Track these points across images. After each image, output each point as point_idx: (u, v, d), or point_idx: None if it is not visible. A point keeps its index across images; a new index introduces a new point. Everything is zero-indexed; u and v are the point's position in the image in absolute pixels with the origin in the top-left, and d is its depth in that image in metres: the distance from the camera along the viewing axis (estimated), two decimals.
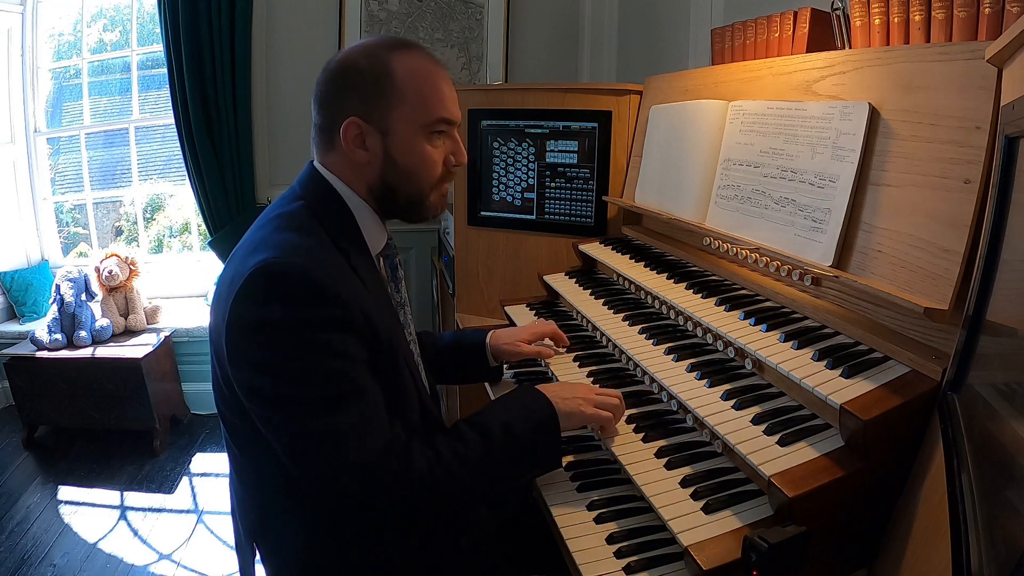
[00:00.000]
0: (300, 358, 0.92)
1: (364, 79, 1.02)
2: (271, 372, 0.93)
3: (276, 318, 0.92)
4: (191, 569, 2.24)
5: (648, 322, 1.45)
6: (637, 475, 1.08)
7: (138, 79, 3.52)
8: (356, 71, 1.03)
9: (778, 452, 0.96)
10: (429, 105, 1.04)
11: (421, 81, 1.04)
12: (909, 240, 1.03)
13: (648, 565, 0.97)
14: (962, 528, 0.65)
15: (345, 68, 1.04)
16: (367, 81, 1.02)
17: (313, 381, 0.93)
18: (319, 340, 0.93)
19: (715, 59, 1.76)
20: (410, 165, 1.06)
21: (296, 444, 0.95)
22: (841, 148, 1.16)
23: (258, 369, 0.94)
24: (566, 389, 1.17)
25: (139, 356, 2.96)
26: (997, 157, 0.84)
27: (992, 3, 1.00)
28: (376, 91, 1.02)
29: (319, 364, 0.93)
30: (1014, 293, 0.75)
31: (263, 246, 0.97)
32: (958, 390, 0.87)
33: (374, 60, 1.03)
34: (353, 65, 1.04)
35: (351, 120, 1.03)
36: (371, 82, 1.02)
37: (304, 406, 0.93)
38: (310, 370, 0.93)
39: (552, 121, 2.04)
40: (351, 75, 1.03)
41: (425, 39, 3.21)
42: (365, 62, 1.03)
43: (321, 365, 0.93)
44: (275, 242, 0.97)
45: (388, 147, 1.05)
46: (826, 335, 1.13)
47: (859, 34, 1.26)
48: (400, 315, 1.17)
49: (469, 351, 1.47)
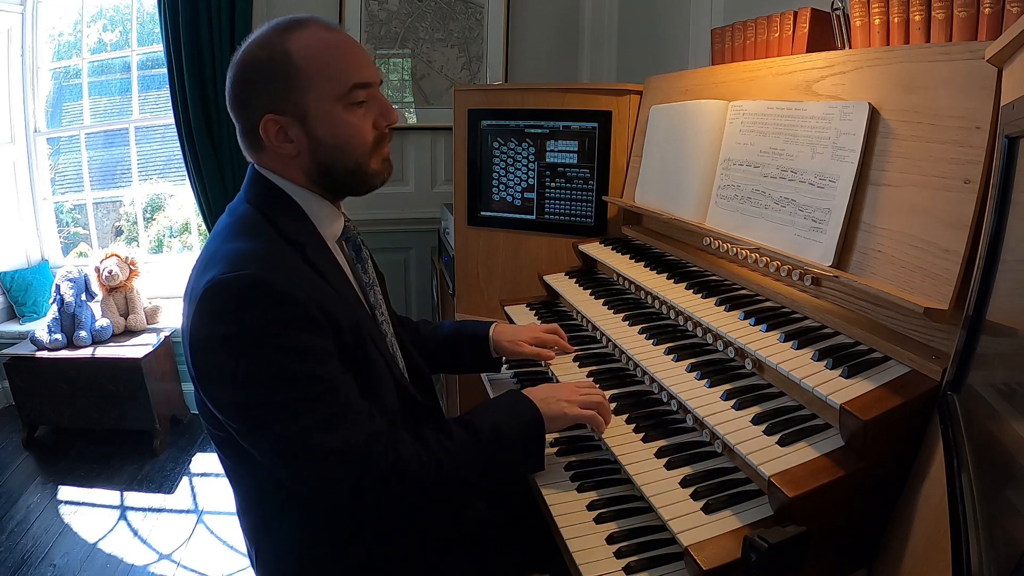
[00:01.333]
0: (265, 365, 0.91)
1: (265, 72, 0.99)
2: (239, 384, 0.92)
3: (233, 331, 0.91)
4: (191, 569, 2.24)
5: (648, 322, 1.45)
6: (637, 475, 1.08)
7: (138, 79, 3.52)
8: (257, 66, 1.00)
9: (778, 452, 0.96)
10: (337, 76, 1.00)
11: (323, 55, 1.00)
12: (909, 240, 1.03)
13: (648, 565, 0.97)
14: (962, 528, 0.65)
15: (245, 65, 1.01)
16: (269, 72, 0.99)
17: (281, 386, 0.91)
18: (280, 344, 0.91)
19: (715, 59, 1.76)
20: (338, 141, 1.03)
21: (277, 450, 0.94)
22: (841, 148, 1.16)
23: (226, 383, 0.93)
24: (551, 392, 1.18)
25: (139, 356, 2.96)
26: (997, 157, 0.84)
27: (992, 3, 1.00)
28: (282, 80, 0.99)
29: (284, 368, 0.91)
30: (1014, 293, 0.75)
31: (213, 261, 0.95)
32: (958, 390, 0.87)
33: (271, 50, 1.00)
34: (251, 60, 1.01)
35: (267, 118, 1.00)
36: (274, 72, 0.99)
37: (278, 411, 0.91)
38: (277, 376, 0.91)
39: (552, 121, 2.04)
40: (253, 71, 1.00)
41: (425, 39, 3.21)
42: (263, 53, 1.00)
43: (287, 369, 0.91)
44: (224, 254, 0.95)
45: (311, 131, 1.02)
46: (826, 335, 1.13)
47: (859, 34, 1.26)
48: (370, 295, 1.16)
49: (471, 340, 1.47)
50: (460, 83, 3.24)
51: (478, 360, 1.49)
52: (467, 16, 3.23)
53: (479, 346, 1.47)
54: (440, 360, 1.47)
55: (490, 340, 1.46)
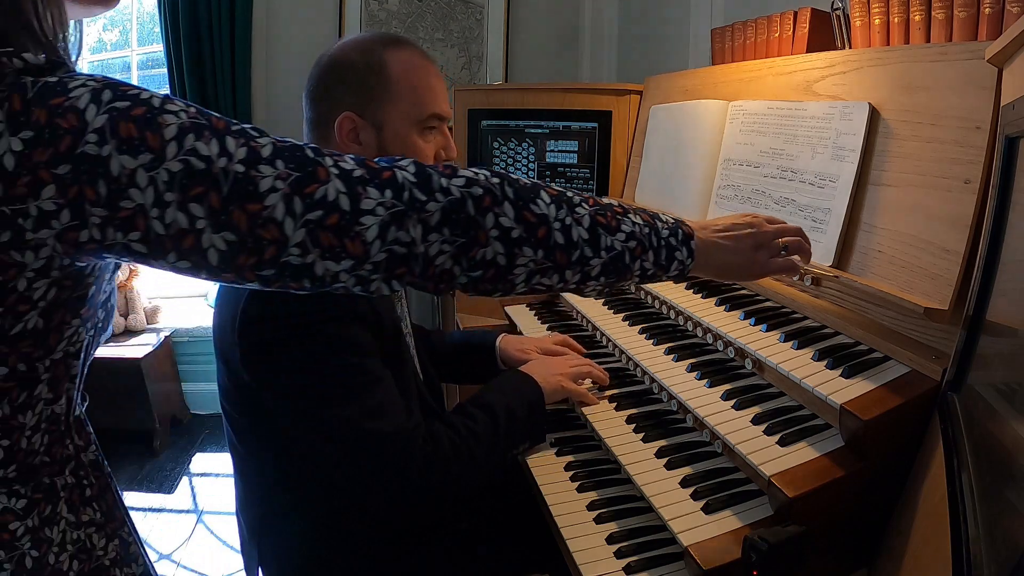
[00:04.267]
0: (318, 353, 0.95)
1: (358, 74, 1.03)
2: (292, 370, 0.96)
3: (290, 319, 0.94)
4: (191, 569, 2.24)
5: (648, 322, 1.45)
6: (637, 475, 1.08)
7: (138, 79, 3.52)
8: (350, 66, 1.04)
9: (778, 452, 0.96)
10: (423, 101, 1.06)
11: (415, 77, 1.05)
12: (909, 240, 1.03)
13: (648, 565, 0.97)
14: (962, 528, 0.65)
15: (339, 63, 1.05)
16: (361, 76, 1.03)
17: (333, 373, 0.95)
18: (329, 335, 0.95)
19: (715, 59, 1.76)
20: None
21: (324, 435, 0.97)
22: (841, 148, 1.16)
23: (278, 368, 0.97)
24: (547, 368, 1.27)
25: (139, 356, 2.96)
26: (997, 157, 0.84)
27: (992, 3, 1.00)
28: (370, 86, 1.03)
29: (335, 358, 0.96)
30: (1014, 293, 0.75)
31: None
32: (958, 390, 0.87)
33: (368, 55, 1.04)
34: (347, 60, 1.05)
35: (346, 115, 1.04)
36: (365, 77, 1.03)
37: (328, 398, 0.96)
38: (328, 364, 0.95)
39: (552, 121, 2.04)
40: (345, 70, 1.04)
41: (425, 39, 3.21)
42: (359, 57, 1.04)
43: (337, 358, 0.96)
44: None
45: (382, 141, 1.05)
46: (826, 335, 1.13)
47: (859, 34, 1.26)
48: (397, 307, 1.18)
49: (479, 351, 1.48)
50: (460, 83, 3.24)
51: (485, 371, 1.48)
52: (467, 16, 3.24)
53: (486, 357, 1.47)
54: (447, 370, 1.47)
55: (497, 351, 1.46)
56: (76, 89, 0.56)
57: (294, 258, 0.61)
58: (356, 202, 0.62)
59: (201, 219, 0.58)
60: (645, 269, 0.79)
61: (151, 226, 0.57)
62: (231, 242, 0.59)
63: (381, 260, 0.64)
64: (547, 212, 0.71)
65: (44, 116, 0.55)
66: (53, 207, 0.55)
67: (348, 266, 0.63)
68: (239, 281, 0.62)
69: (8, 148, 0.54)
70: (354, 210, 0.62)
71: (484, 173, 0.70)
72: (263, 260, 0.60)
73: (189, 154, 0.57)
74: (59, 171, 0.55)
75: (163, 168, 0.56)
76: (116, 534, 0.75)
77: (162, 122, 0.57)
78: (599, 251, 0.74)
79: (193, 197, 0.57)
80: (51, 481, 0.69)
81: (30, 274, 0.58)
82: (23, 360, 0.63)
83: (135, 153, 0.55)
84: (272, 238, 0.60)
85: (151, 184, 0.56)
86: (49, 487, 0.69)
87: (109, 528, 0.75)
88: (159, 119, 0.57)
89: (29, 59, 0.56)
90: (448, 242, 0.66)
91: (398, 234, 0.63)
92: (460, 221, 0.66)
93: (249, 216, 0.59)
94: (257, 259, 0.60)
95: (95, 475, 0.74)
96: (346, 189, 0.62)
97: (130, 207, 0.56)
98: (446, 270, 0.67)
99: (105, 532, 0.74)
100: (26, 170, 0.54)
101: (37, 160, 0.54)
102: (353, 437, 0.96)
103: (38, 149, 0.54)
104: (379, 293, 0.67)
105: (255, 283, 0.63)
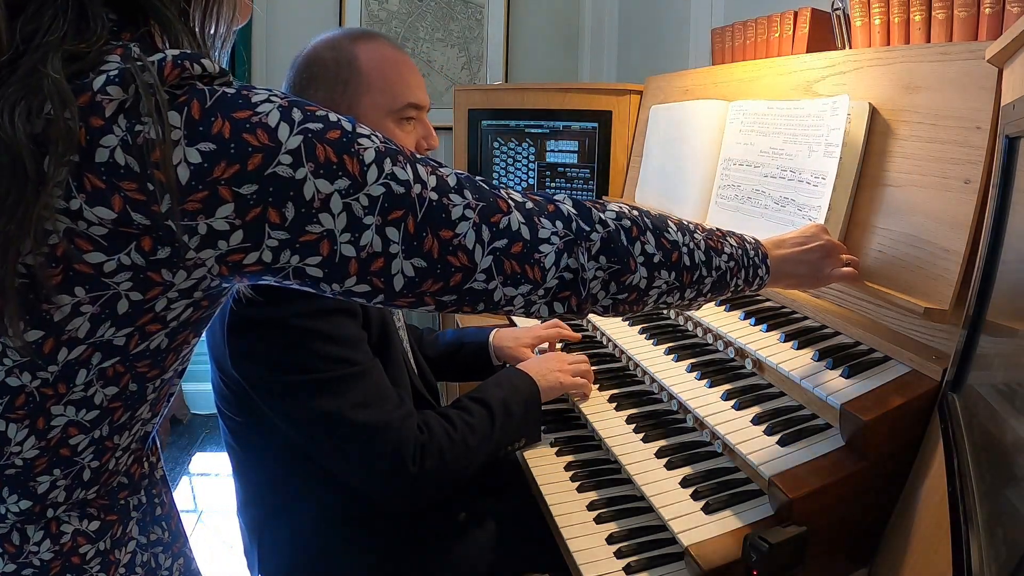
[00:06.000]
0: (305, 346, 0.95)
1: (330, 70, 1.05)
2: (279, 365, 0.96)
3: (271, 314, 0.94)
4: None
5: (648, 322, 1.45)
6: (637, 475, 1.08)
7: None
8: (321, 63, 1.06)
9: (778, 452, 0.96)
10: (396, 91, 1.07)
11: (386, 68, 1.07)
12: (909, 240, 1.03)
13: (648, 565, 0.97)
14: (963, 528, 0.65)
15: (311, 61, 1.07)
16: (333, 72, 1.05)
17: (319, 366, 0.96)
18: (316, 329, 0.95)
19: (715, 59, 1.76)
20: None
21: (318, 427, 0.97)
22: (830, 144, 1.16)
23: (267, 363, 0.97)
24: (543, 365, 1.28)
25: None
26: (997, 157, 0.84)
27: (992, 3, 1.00)
28: (343, 80, 1.05)
29: (322, 350, 0.96)
30: (1014, 293, 0.75)
31: None
32: (958, 390, 0.87)
33: (338, 51, 1.05)
34: (318, 57, 1.06)
35: None
36: (337, 72, 1.05)
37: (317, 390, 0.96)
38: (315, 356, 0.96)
39: (552, 121, 2.04)
40: (317, 67, 1.06)
41: (425, 39, 3.21)
42: (330, 53, 1.06)
43: (324, 350, 0.96)
44: None
45: None
46: (826, 335, 1.13)
47: (859, 34, 1.26)
48: None
49: (472, 349, 1.49)
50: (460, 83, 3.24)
51: (479, 368, 1.50)
52: (467, 16, 3.23)
53: (480, 353, 1.48)
54: (442, 368, 1.48)
55: (490, 347, 1.47)
56: (262, 104, 0.52)
57: (479, 284, 0.63)
58: (535, 231, 0.65)
59: (395, 243, 0.58)
60: (738, 285, 0.87)
61: (338, 250, 0.56)
62: (420, 268, 0.60)
63: (553, 286, 0.68)
64: (677, 239, 0.78)
65: (228, 129, 0.51)
66: (226, 227, 0.52)
67: (525, 291, 0.66)
68: (412, 305, 0.63)
69: (183, 158, 0.50)
70: (534, 239, 0.65)
71: (624, 206, 0.77)
72: (448, 286, 0.62)
73: (389, 179, 0.57)
74: (243, 190, 0.51)
75: (363, 194, 0.55)
76: (181, 552, 0.74)
77: (359, 147, 0.56)
78: (712, 271, 0.82)
79: (391, 221, 0.57)
80: (125, 501, 0.67)
81: (173, 294, 0.55)
82: (136, 380, 0.60)
83: (333, 178, 0.54)
84: (461, 265, 0.61)
85: (346, 209, 0.55)
86: (123, 507, 0.67)
87: (175, 547, 0.73)
88: (356, 143, 0.56)
89: (207, 65, 0.53)
90: (603, 269, 0.71)
91: (568, 261, 0.68)
92: (615, 250, 0.72)
93: (441, 243, 0.60)
94: (442, 285, 0.62)
95: (164, 492, 0.72)
96: (525, 219, 0.65)
97: (317, 231, 0.54)
98: (593, 294, 0.72)
99: (171, 551, 0.72)
100: (203, 185, 0.50)
101: (218, 176, 0.51)
102: (346, 428, 0.97)
103: (220, 164, 0.51)
104: (536, 316, 0.70)
105: (430, 306, 0.64)
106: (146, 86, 0.49)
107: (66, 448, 0.60)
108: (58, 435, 0.59)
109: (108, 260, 0.51)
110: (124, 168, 0.49)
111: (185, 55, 0.52)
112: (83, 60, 0.50)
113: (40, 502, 0.61)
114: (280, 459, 1.07)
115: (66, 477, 0.61)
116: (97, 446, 0.62)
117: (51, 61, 0.48)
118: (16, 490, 0.60)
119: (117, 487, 0.66)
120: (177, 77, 0.51)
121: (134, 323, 0.55)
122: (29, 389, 0.55)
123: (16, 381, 0.55)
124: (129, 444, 0.65)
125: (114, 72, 0.49)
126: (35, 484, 0.60)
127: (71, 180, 0.48)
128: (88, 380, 0.57)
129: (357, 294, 0.59)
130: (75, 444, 0.60)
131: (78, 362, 0.55)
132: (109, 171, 0.49)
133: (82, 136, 0.48)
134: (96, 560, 0.64)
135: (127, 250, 0.51)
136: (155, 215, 0.50)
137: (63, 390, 0.57)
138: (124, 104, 0.49)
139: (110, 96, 0.49)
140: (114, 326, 0.54)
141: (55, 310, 0.52)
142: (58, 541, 0.62)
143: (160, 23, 0.55)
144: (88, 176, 0.49)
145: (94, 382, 0.57)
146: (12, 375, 0.55)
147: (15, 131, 0.47)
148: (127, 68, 0.49)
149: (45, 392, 0.56)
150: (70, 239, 0.50)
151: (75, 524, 0.63)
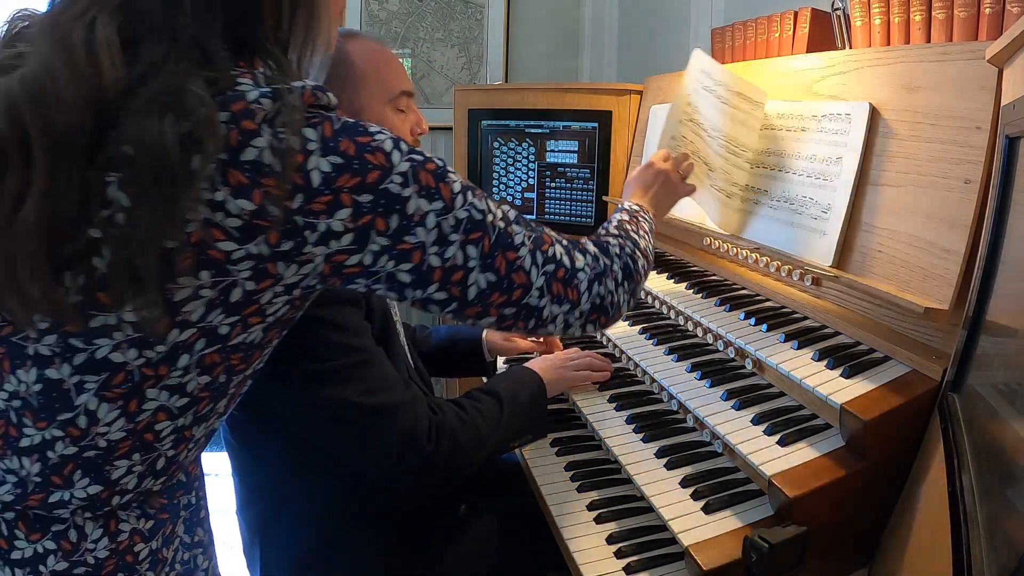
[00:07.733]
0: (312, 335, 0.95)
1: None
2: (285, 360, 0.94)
3: None
4: None
5: (648, 322, 1.45)
6: (637, 475, 1.08)
7: None
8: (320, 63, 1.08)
9: (778, 452, 0.96)
10: (390, 81, 1.12)
11: (377, 59, 1.12)
12: (909, 240, 1.03)
13: (648, 565, 0.97)
14: (963, 528, 0.65)
15: None
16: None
17: (326, 357, 0.97)
18: (321, 318, 0.95)
19: (715, 59, 1.76)
20: None
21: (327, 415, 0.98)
22: (841, 147, 1.16)
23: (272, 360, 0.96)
24: (548, 362, 1.32)
25: None
26: (997, 157, 0.84)
27: (992, 3, 1.00)
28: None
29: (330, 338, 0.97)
30: (1014, 293, 0.75)
31: None
32: (958, 390, 0.87)
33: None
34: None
35: None
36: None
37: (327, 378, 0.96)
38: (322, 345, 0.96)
39: (552, 121, 2.04)
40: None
41: (425, 39, 3.21)
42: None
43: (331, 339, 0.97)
44: None
45: None
46: (826, 335, 1.13)
47: (859, 34, 1.26)
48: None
49: (464, 345, 1.50)
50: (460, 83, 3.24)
51: (472, 363, 1.52)
52: (467, 16, 3.23)
53: (472, 349, 1.50)
54: (436, 364, 1.48)
55: (483, 343, 1.49)
56: (377, 134, 0.64)
57: (533, 300, 0.75)
58: (573, 262, 0.80)
59: (473, 259, 0.69)
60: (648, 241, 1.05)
61: (427, 259, 0.66)
62: (491, 282, 0.71)
63: (587, 308, 0.82)
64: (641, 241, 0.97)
65: (353, 149, 0.61)
66: (341, 228, 0.61)
67: (565, 310, 0.79)
68: (478, 316, 0.74)
69: (317, 166, 0.59)
70: (572, 267, 0.80)
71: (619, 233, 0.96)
72: (511, 299, 0.74)
73: (470, 207, 0.69)
74: (360, 199, 0.61)
75: (452, 215, 0.67)
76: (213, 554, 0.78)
77: (450, 179, 0.67)
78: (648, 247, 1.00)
79: (472, 240, 0.69)
80: (178, 500, 0.71)
81: (279, 288, 0.62)
82: (226, 372, 0.66)
83: (430, 199, 0.65)
84: (521, 282, 0.74)
85: (437, 227, 0.66)
86: (175, 506, 0.71)
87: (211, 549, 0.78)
88: (448, 175, 0.67)
89: (331, 98, 0.64)
90: (627, 291, 0.88)
91: (599, 288, 0.83)
92: (630, 274, 0.89)
93: (508, 262, 0.72)
94: (507, 298, 0.73)
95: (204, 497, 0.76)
96: (565, 251, 0.80)
97: (412, 242, 0.65)
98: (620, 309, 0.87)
99: (208, 553, 0.77)
100: (330, 190, 0.60)
101: (342, 184, 0.60)
102: (358, 414, 0.97)
103: (345, 175, 0.60)
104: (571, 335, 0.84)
105: (492, 318, 0.75)
106: (291, 105, 0.58)
107: (151, 433, 0.64)
108: (147, 419, 0.63)
109: (238, 249, 0.58)
110: (268, 167, 0.57)
111: (318, 87, 0.62)
112: (215, 84, 0.58)
113: (110, 488, 0.64)
114: (281, 458, 1.07)
115: (143, 463, 0.65)
116: (178, 435, 0.66)
117: (193, 81, 0.56)
118: (89, 473, 0.63)
119: (176, 485, 0.70)
120: (312, 102, 0.61)
121: (240, 312, 0.62)
122: (131, 367, 0.60)
123: (120, 357, 0.59)
124: (200, 438, 0.70)
125: (267, 88, 0.59)
126: (111, 468, 0.63)
127: (217, 175, 0.56)
128: (187, 365, 0.62)
129: (435, 301, 0.70)
130: (160, 430, 0.65)
131: (184, 346, 0.61)
132: (254, 169, 0.56)
133: (234, 137, 0.56)
134: (147, 560, 0.68)
135: (256, 240, 0.58)
136: (287, 210, 0.58)
137: (163, 372, 0.61)
138: (268, 115, 0.57)
139: (262, 106, 0.57)
140: (224, 312, 0.61)
141: (177, 290, 0.58)
142: (116, 539, 0.66)
143: (266, 59, 0.64)
144: (233, 171, 0.56)
145: (191, 368, 0.63)
146: (119, 350, 0.59)
147: (164, 135, 0.53)
148: (279, 87, 0.59)
149: (146, 372, 0.61)
150: (206, 228, 0.56)
151: (132, 523, 0.67)
